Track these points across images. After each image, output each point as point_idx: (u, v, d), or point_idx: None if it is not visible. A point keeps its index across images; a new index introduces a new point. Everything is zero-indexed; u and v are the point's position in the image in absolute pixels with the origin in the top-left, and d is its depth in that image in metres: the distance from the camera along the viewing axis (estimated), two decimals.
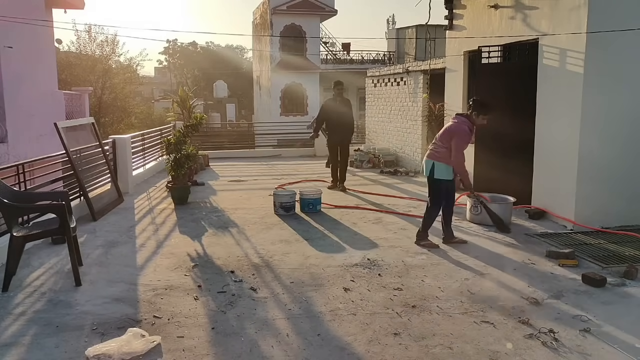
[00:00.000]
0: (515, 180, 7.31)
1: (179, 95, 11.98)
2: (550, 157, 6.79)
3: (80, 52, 26.04)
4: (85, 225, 6.65)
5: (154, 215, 7.31)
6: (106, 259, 5.31)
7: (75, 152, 7.18)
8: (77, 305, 4.13)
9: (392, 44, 29.97)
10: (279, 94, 28.86)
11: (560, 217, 6.53)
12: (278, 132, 17.21)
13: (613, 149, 6.21)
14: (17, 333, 3.66)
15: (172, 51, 51.73)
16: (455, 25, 9.30)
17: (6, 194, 4.56)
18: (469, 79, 9.06)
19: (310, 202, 7.34)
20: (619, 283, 4.52)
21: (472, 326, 3.73)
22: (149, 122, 30.20)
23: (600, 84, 6.14)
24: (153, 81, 55.40)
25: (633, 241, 5.70)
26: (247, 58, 53.79)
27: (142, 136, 11.03)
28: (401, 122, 12.14)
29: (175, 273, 4.87)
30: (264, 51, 30.38)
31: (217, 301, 4.20)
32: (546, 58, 6.80)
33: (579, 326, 3.71)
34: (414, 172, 10.84)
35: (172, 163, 8.07)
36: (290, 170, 11.59)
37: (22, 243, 4.57)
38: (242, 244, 5.83)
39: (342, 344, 3.49)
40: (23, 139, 10.41)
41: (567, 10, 6.35)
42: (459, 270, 4.92)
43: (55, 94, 12.36)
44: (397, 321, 3.82)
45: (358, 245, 5.76)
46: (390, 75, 12.73)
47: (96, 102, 24.26)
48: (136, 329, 3.54)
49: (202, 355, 3.35)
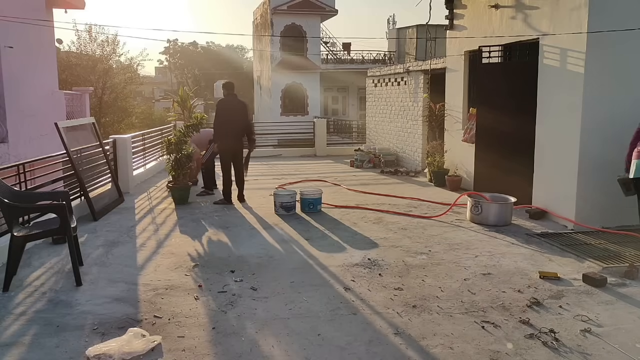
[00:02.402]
0: (516, 180, 7.32)
1: (180, 95, 11.97)
2: (550, 157, 6.79)
3: (81, 52, 26.02)
4: (86, 225, 6.65)
5: (154, 215, 7.31)
6: (107, 259, 5.31)
7: (75, 152, 7.18)
8: (77, 305, 4.13)
9: (392, 43, 29.95)
10: (280, 94, 28.84)
11: (561, 217, 6.53)
12: (278, 132, 17.23)
13: (613, 149, 6.20)
14: (17, 333, 3.66)
15: (173, 51, 51.76)
16: (455, 25, 9.30)
17: (7, 194, 4.56)
18: (470, 79, 9.06)
19: (310, 202, 7.34)
20: (619, 283, 4.52)
21: (472, 326, 3.73)
22: (149, 122, 30.19)
23: (600, 83, 6.14)
24: (154, 81, 55.45)
25: (633, 241, 5.70)
26: (247, 58, 53.87)
27: (143, 136, 11.04)
28: (402, 122, 12.14)
29: (175, 273, 4.87)
30: (264, 51, 30.36)
31: (218, 301, 4.20)
32: (547, 58, 6.79)
33: (580, 326, 3.71)
34: (414, 172, 10.83)
35: (172, 163, 8.07)
36: (290, 170, 11.59)
37: (23, 243, 4.57)
38: (243, 244, 5.83)
39: (342, 343, 3.48)
40: (24, 139, 10.41)
41: (568, 10, 6.34)
42: (459, 270, 4.92)
43: (56, 94, 12.36)
44: (397, 321, 3.82)
45: (358, 245, 5.76)
46: (391, 75, 12.73)
47: (97, 102, 24.24)
48: (137, 329, 3.55)
49: (203, 355, 3.35)
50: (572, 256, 5.28)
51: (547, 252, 5.45)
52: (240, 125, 7.97)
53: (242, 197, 8.12)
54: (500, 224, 6.49)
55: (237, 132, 7.96)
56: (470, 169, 8.64)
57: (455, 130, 9.46)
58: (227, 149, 7.94)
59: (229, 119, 7.84)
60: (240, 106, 8.03)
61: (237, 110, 7.94)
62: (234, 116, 7.89)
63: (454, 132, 9.55)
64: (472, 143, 8.50)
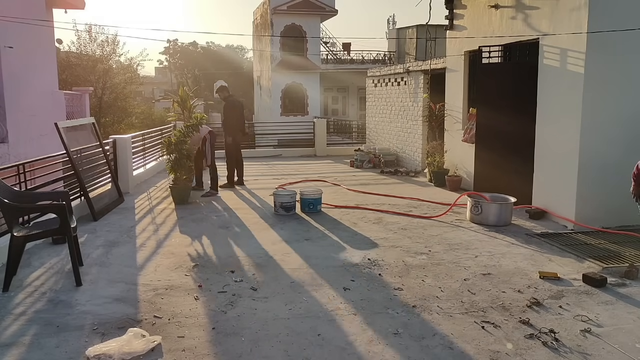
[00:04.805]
0: (516, 180, 7.32)
1: (180, 95, 11.95)
2: (550, 157, 6.79)
3: (81, 52, 26.01)
4: (86, 225, 6.65)
5: (154, 215, 7.31)
6: (106, 259, 5.31)
7: (75, 152, 7.18)
8: (77, 305, 4.13)
9: (392, 44, 29.94)
10: (280, 94, 28.84)
11: (561, 217, 6.53)
12: (278, 132, 17.24)
13: (613, 149, 6.21)
14: (17, 333, 3.66)
15: (173, 51, 51.73)
16: (455, 25, 9.30)
17: (7, 194, 4.56)
18: (470, 79, 9.07)
19: (310, 202, 7.34)
20: (619, 283, 4.52)
21: (472, 326, 3.73)
22: (149, 122, 30.14)
23: (600, 83, 6.14)
24: (153, 81, 55.42)
25: (633, 241, 5.70)
26: (247, 58, 53.86)
27: (143, 136, 11.03)
28: (402, 122, 12.14)
29: (175, 273, 4.87)
30: (264, 51, 30.36)
31: (218, 301, 4.20)
32: (547, 58, 6.79)
33: (580, 326, 3.71)
34: (414, 172, 10.83)
35: (172, 163, 8.07)
36: (290, 170, 11.58)
37: (23, 243, 4.57)
38: (243, 244, 5.83)
39: (342, 343, 3.48)
40: (23, 139, 10.41)
41: (568, 10, 6.35)
42: (459, 270, 4.92)
43: (56, 94, 12.35)
44: (397, 321, 3.82)
45: (358, 245, 5.76)
46: (391, 75, 12.73)
47: (97, 102, 24.24)
48: (137, 329, 3.55)
49: (203, 355, 3.35)
50: (572, 256, 5.28)
51: (547, 252, 5.45)
52: (242, 121, 9.76)
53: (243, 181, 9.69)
54: (500, 224, 6.49)
55: (243, 127, 9.84)
56: (470, 169, 8.64)
57: (455, 130, 9.46)
58: (237, 143, 9.58)
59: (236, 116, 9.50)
60: (240, 104, 9.82)
61: (240, 108, 9.70)
62: (239, 113, 9.59)
63: (454, 132, 9.55)
64: (472, 143, 8.50)
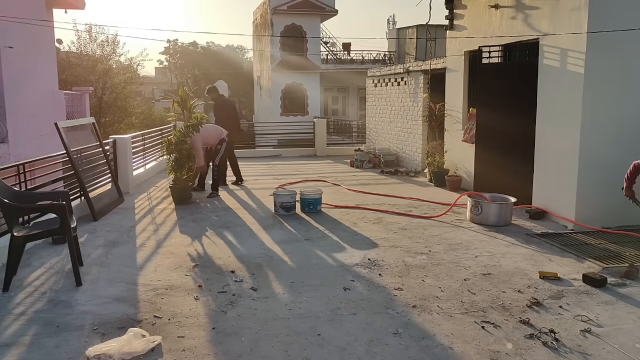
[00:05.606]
0: (516, 180, 7.32)
1: (180, 95, 11.93)
2: (550, 157, 6.79)
3: (81, 52, 25.98)
4: (86, 225, 6.65)
5: (154, 215, 7.31)
6: (107, 259, 5.31)
7: (75, 152, 7.18)
8: (77, 305, 4.13)
9: (392, 44, 29.96)
10: (280, 94, 28.84)
11: (561, 217, 6.53)
12: (278, 132, 17.24)
13: (613, 149, 6.21)
14: (17, 333, 3.66)
15: (173, 51, 51.73)
16: (455, 25, 9.30)
17: (7, 194, 4.56)
18: (470, 79, 9.06)
19: (310, 202, 7.34)
20: (619, 283, 4.52)
21: (472, 326, 3.73)
22: (149, 122, 30.13)
23: (600, 83, 6.13)
24: (153, 81, 55.41)
25: (633, 241, 5.70)
26: (247, 58, 53.88)
27: (143, 136, 11.03)
28: (402, 122, 12.14)
29: (175, 273, 4.87)
30: (264, 51, 30.36)
31: (218, 301, 4.20)
32: (547, 58, 6.79)
33: (580, 326, 3.71)
34: (414, 172, 10.83)
35: (172, 163, 8.07)
36: (290, 170, 11.58)
37: (23, 243, 4.57)
38: (243, 244, 5.83)
39: (342, 344, 3.48)
40: (24, 139, 10.41)
41: (568, 10, 6.34)
42: (459, 270, 4.92)
43: (56, 94, 12.35)
44: (397, 321, 3.82)
45: (358, 245, 5.76)
46: (391, 75, 12.73)
47: (97, 102, 24.23)
48: (137, 329, 3.55)
49: (203, 355, 3.35)
50: (572, 256, 5.28)
51: (547, 252, 5.45)
52: (236, 119, 9.99)
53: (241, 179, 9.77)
54: (500, 224, 6.49)
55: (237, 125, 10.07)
56: (470, 169, 8.63)
57: (455, 130, 9.46)
58: (232, 142, 9.56)
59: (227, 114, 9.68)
60: (230, 103, 10.25)
61: (230, 107, 10.04)
62: (230, 112, 9.83)
63: (454, 132, 9.55)
64: (472, 143, 8.50)
